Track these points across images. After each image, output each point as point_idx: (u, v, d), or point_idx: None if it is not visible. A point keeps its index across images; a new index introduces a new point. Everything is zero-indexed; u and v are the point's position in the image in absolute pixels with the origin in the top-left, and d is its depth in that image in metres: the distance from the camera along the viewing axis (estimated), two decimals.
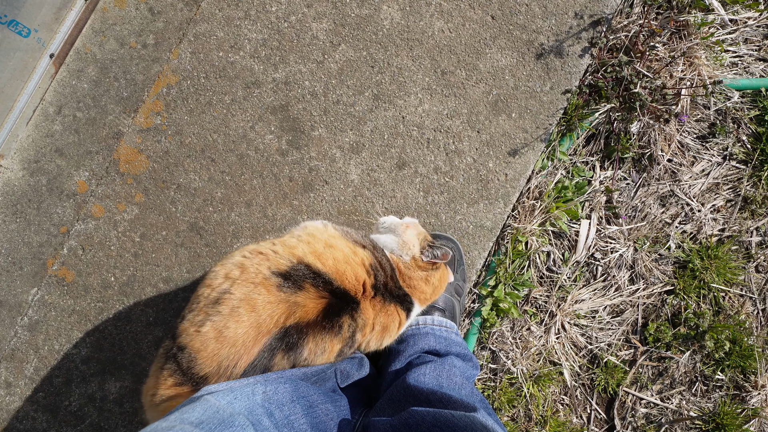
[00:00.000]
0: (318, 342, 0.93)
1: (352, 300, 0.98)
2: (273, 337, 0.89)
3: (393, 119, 1.41)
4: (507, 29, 1.43)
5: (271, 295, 0.90)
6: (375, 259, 1.05)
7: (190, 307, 0.94)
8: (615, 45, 1.45)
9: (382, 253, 1.09)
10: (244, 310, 0.88)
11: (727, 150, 1.52)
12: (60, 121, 1.39)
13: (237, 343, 0.87)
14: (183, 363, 0.88)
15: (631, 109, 1.42)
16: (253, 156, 1.40)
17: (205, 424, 0.67)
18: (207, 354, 0.87)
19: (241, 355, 0.87)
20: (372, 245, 1.09)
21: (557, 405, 1.49)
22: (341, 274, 0.97)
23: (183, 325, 0.92)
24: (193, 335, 0.89)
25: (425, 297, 1.13)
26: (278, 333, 0.89)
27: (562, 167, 1.48)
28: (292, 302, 0.91)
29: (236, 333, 0.87)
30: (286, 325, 0.90)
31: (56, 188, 1.38)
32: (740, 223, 1.52)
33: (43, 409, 1.35)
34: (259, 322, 0.88)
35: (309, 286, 0.92)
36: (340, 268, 0.97)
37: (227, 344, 0.87)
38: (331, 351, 0.96)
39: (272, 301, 0.89)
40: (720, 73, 1.49)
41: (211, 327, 0.88)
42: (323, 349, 0.95)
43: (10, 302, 1.36)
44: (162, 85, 1.40)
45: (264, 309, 0.89)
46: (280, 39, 1.41)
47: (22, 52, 1.32)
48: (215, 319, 0.88)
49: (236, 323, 0.87)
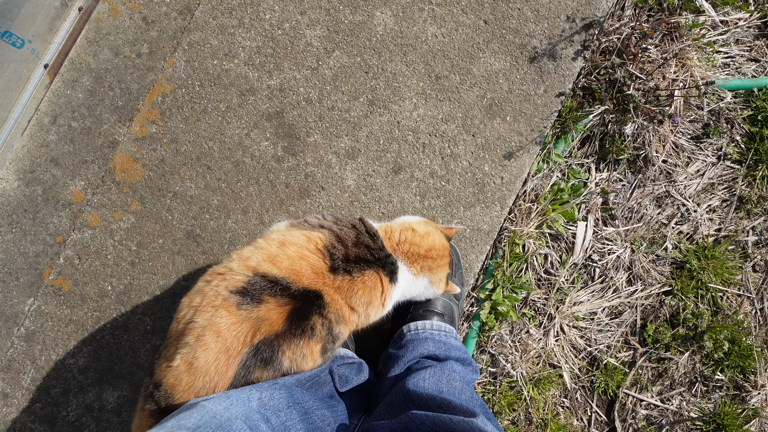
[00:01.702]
0: (294, 350, 0.91)
1: (315, 297, 0.94)
2: (245, 357, 0.87)
3: (388, 124, 1.41)
4: (500, 33, 1.44)
5: (232, 315, 0.88)
6: (332, 235, 1.00)
7: (165, 343, 0.94)
8: (607, 47, 1.46)
9: (347, 224, 1.03)
10: (210, 337, 0.86)
11: (722, 150, 1.53)
12: (55, 131, 1.39)
13: (209, 372, 0.86)
14: (161, 401, 0.87)
15: (625, 111, 1.43)
16: (249, 163, 1.40)
17: (202, 429, 0.67)
18: (182, 388, 0.86)
19: (216, 382, 0.86)
20: (334, 220, 1.04)
21: (557, 408, 1.48)
22: (298, 274, 0.94)
23: (158, 361, 0.91)
24: (165, 371, 0.88)
25: (416, 253, 1.06)
26: (249, 352, 0.88)
27: (557, 169, 1.48)
28: (254, 318, 0.88)
29: (206, 361, 0.86)
30: (254, 342, 0.88)
31: (52, 198, 1.38)
32: (736, 222, 1.52)
33: (41, 420, 1.34)
34: (226, 346, 0.86)
35: (268, 297, 0.90)
36: (295, 266, 0.94)
37: (200, 374, 0.85)
38: (311, 354, 0.94)
39: (235, 322, 0.88)
40: (712, 74, 1.50)
41: (180, 360, 0.86)
42: (302, 355, 0.92)
43: (7, 312, 1.36)
44: (157, 93, 1.40)
45: (229, 332, 0.87)
46: (275, 46, 1.42)
47: (17, 63, 1.32)
48: (183, 351, 0.87)
49: (204, 352, 0.86)
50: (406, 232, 1.09)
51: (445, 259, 1.12)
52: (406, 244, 1.07)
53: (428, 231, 1.11)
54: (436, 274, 1.11)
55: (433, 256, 1.09)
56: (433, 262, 1.09)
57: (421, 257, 1.07)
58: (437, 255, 1.10)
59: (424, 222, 1.15)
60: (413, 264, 1.07)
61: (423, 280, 1.09)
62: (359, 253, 0.99)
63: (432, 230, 1.12)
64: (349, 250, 0.99)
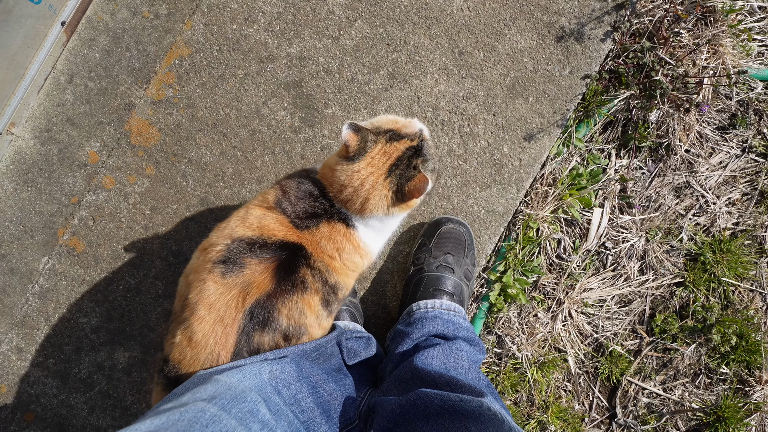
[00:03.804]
0: (290, 306, 0.91)
1: (299, 248, 0.92)
2: (241, 323, 0.88)
3: (408, 99, 1.39)
4: (528, 10, 1.39)
5: (219, 285, 0.89)
6: (279, 189, 0.98)
7: (170, 318, 0.96)
8: (638, 30, 1.41)
9: (296, 178, 0.99)
10: (203, 310, 0.88)
11: (747, 142, 1.49)
12: (71, 91, 1.38)
13: (209, 343, 0.87)
14: (171, 375, 0.90)
15: (651, 97, 1.39)
16: (266, 132, 1.38)
17: (217, 399, 0.68)
18: (187, 362, 0.88)
19: (218, 353, 0.87)
20: (287, 175, 1.02)
21: (560, 391, 1.49)
22: (269, 229, 0.92)
23: (167, 337, 0.93)
24: (171, 346, 0.90)
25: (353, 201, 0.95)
26: (244, 317, 0.88)
27: (577, 154, 1.46)
28: (241, 283, 0.89)
29: (204, 334, 0.87)
30: (247, 306, 0.88)
31: (67, 158, 1.38)
32: (755, 217, 1.50)
33: (54, 375, 1.37)
34: (220, 315, 0.88)
35: (249, 260, 0.90)
36: (263, 223, 0.93)
37: (200, 347, 0.87)
38: (309, 308, 0.93)
39: (223, 291, 0.89)
40: (745, 63, 1.45)
41: (181, 335, 0.89)
42: (300, 311, 0.92)
43: (22, 270, 1.37)
44: (174, 56, 1.38)
45: (219, 302, 0.88)
46: (296, 13, 1.38)
47: (34, 18, 1.30)
48: (183, 327, 0.89)
49: (200, 325, 0.87)
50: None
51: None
52: (346, 190, 0.96)
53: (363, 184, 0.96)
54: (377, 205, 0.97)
55: (363, 196, 0.96)
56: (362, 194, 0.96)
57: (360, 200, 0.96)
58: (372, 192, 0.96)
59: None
60: (357, 213, 0.97)
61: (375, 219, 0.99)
62: (306, 207, 0.96)
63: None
64: (295, 205, 0.96)
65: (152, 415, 0.67)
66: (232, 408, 0.68)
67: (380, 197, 0.95)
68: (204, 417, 0.65)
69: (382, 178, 0.94)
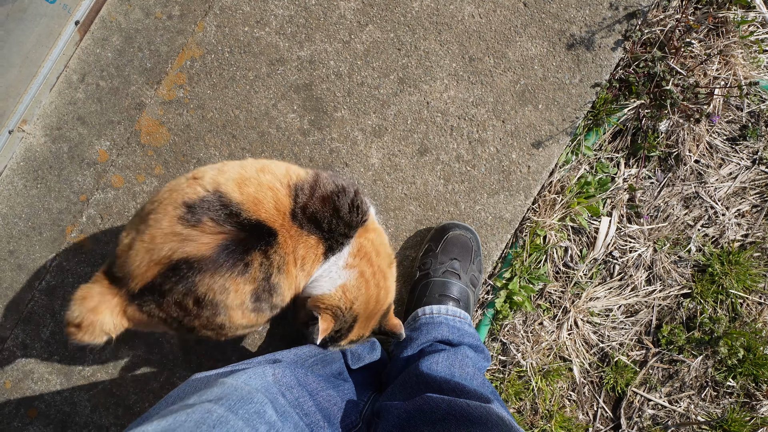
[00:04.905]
0: (216, 279, 0.87)
1: (268, 234, 0.89)
2: (164, 268, 0.88)
3: (417, 104, 1.39)
4: (539, 17, 1.39)
5: (171, 225, 0.88)
6: (309, 176, 0.95)
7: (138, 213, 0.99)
8: (649, 39, 1.41)
9: (337, 181, 0.97)
10: (147, 236, 0.89)
11: (757, 154, 1.49)
12: (83, 90, 1.39)
13: (137, 264, 0.89)
14: (113, 265, 0.95)
15: (662, 107, 1.39)
16: (275, 134, 1.39)
17: (224, 400, 0.68)
18: (120, 261, 0.93)
19: (140, 275, 0.89)
20: (333, 172, 1.00)
21: (564, 400, 1.48)
22: (257, 203, 0.89)
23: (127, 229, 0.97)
24: (121, 240, 0.95)
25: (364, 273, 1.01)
26: (169, 265, 0.87)
27: (586, 162, 1.45)
28: (184, 236, 0.87)
29: (137, 253, 0.90)
30: (174, 259, 0.87)
31: (77, 156, 1.39)
32: (765, 229, 1.49)
33: (58, 372, 1.37)
34: (152, 249, 0.88)
35: (207, 220, 0.87)
36: (259, 195, 0.90)
37: (131, 261, 0.90)
38: (235, 291, 0.89)
39: (168, 233, 0.88)
40: (756, 74, 1.44)
41: (128, 239, 0.92)
42: (223, 288, 0.88)
43: (29, 266, 1.38)
44: (186, 57, 1.39)
45: (160, 239, 0.88)
46: (307, 16, 1.39)
47: (48, 17, 1.31)
48: (133, 235, 0.92)
49: (140, 244, 0.90)
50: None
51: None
52: (364, 262, 1.00)
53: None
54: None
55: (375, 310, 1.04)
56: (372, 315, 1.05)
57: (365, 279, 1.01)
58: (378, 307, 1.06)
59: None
60: (357, 276, 1.00)
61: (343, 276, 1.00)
62: (320, 213, 0.94)
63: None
64: (313, 202, 0.93)
65: (157, 416, 0.67)
66: (239, 409, 0.68)
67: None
68: (211, 418, 0.65)
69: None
